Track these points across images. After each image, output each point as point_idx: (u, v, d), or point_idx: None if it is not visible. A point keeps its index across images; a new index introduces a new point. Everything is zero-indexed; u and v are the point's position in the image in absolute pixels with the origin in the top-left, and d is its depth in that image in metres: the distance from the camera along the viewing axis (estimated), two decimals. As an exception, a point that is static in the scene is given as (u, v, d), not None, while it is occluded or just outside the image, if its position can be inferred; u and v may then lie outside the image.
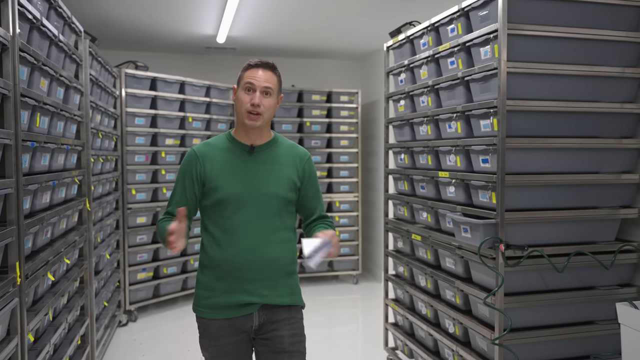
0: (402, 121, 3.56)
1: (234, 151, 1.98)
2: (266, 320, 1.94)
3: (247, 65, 1.96)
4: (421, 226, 3.39)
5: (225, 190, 1.91)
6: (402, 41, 3.52)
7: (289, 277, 1.99)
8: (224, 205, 1.92)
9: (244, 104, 1.91)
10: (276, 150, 2.01)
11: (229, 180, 1.92)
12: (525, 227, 2.60)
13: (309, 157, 2.08)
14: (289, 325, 1.96)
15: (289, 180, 1.98)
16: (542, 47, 2.56)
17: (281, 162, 1.99)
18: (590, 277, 2.72)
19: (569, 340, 2.67)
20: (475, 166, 2.77)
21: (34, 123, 2.37)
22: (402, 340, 3.59)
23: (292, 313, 1.99)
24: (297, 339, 1.97)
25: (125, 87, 4.85)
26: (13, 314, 2.04)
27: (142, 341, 4.42)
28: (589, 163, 2.70)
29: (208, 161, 1.95)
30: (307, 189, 2.05)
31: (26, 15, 2.21)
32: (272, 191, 1.94)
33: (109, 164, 4.35)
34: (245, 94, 1.92)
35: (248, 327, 1.94)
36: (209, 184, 1.93)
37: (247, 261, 1.90)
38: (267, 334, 1.95)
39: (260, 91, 1.91)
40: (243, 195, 1.91)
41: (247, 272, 1.90)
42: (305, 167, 2.03)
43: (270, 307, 1.95)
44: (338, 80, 7.01)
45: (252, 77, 1.91)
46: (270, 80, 1.93)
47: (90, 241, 3.44)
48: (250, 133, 1.97)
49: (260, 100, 1.90)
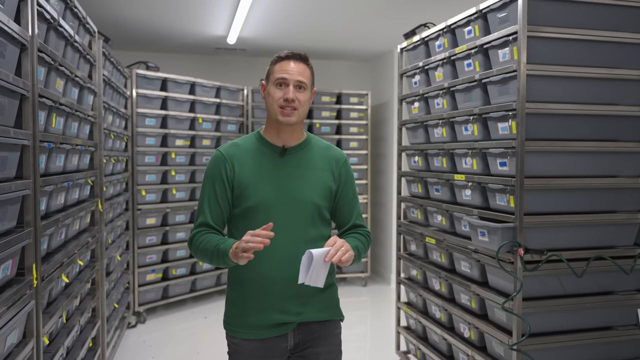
0: (416, 123, 3.53)
1: (264, 153, 1.81)
2: (302, 339, 1.81)
3: (277, 57, 1.80)
4: (435, 229, 3.36)
5: (255, 197, 1.75)
6: (417, 43, 3.49)
7: (326, 290, 1.82)
8: (254, 213, 1.75)
9: (276, 100, 1.75)
10: (310, 152, 1.85)
11: (259, 186, 1.76)
12: (543, 231, 2.57)
13: (345, 159, 1.91)
14: (326, 341, 1.83)
15: (325, 185, 1.82)
16: (561, 49, 2.53)
17: (316, 165, 1.83)
18: (609, 282, 2.69)
19: (588, 345, 2.64)
20: (493, 169, 2.74)
21: (50, 124, 2.35)
22: (415, 344, 3.56)
23: (329, 328, 1.85)
24: (333, 355, 1.85)
25: (136, 87, 4.85)
26: (29, 317, 2.03)
27: (151, 343, 4.40)
28: (607, 166, 2.67)
29: (237, 164, 1.78)
30: (342, 195, 1.88)
31: (44, 16, 2.19)
32: (306, 198, 1.78)
33: (119, 165, 4.35)
34: (277, 89, 1.76)
35: (282, 349, 1.79)
36: (238, 190, 1.77)
37: (279, 276, 1.74)
38: (303, 352, 1.82)
39: (294, 85, 1.75)
40: (275, 202, 1.75)
41: (281, 288, 1.75)
42: (342, 171, 1.88)
43: (306, 324, 1.81)
44: (348, 82, 6.99)
45: (284, 71, 1.76)
46: (304, 73, 1.78)
47: (102, 242, 3.43)
48: (282, 132, 1.81)
49: (294, 94, 1.74)
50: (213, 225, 1.78)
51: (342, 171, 1.89)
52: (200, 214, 1.80)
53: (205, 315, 5.14)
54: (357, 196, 1.94)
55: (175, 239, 5.22)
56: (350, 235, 1.88)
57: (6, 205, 1.84)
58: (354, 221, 1.91)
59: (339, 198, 1.89)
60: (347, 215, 1.91)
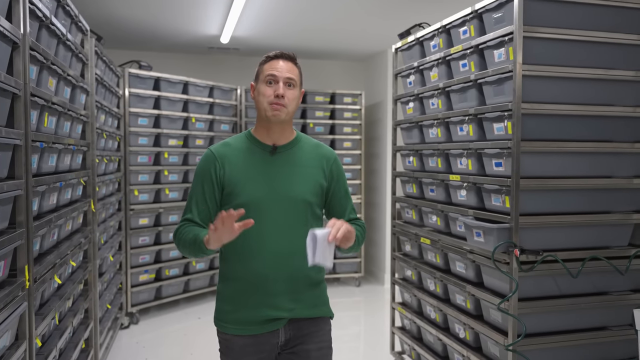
0: (411, 123, 3.52)
1: (254, 152, 1.84)
2: (292, 336, 1.83)
3: (267, 57, 1.85)
4: (430, 229, 3.36)
5: (246, 195, 1.78)
6: (412, 43, 3.49)
7: (317, 287, 1.87)
8: (245, 210, 1.73)
9: (266, 97, 1.79)
10: (300, 150, 1.88)
11: (250, 184, 1.79)
12: (539, 232, 2.57)
13: (335, 157, 1.94)
14: (317, 338, 1.85)
15: (315, 182, 1.85)
16: (556, 50, 2.54)
17: (306, 163, 1.86)
18: (603, 283, 2.70)
19: (583, 346, 2.65)
20: (488, 170, 2.74)
21: (42, 123, 2.32)
22: (410, 344, 3.56)
23: (319, 325, 1.87)
24: (324, 352, 1.86)
25: (129, 86, 4.81)
26: (22, 319, 2.00)
27: (144, 344, 4.37)
28: (602, 167, 2.68)
29: (227, 163, 1.81)
30: (335, 192, 1.91)
31: (36, 13, 2.16)
32: (296, 195, 1.80)
33: (112, 165, 4.31)
34: (267, 86, 1.80)
35: (273, 345, 1.82)
36: (229, 188, 1.80)
37: (272, 273, 1.77)
38: (293, 348, 1.84)
39: (284, 82, 1.80)
40: (265, 200, 1.78)
41: (273, 284, 1.77)
42: (332, 168, 1.91)
43: (297, 321, 1.83)
44: (341, 82, 6.98)
45: (274, 69, 1.81)
46: (292, 71, 1.83)
47: (94, 243, 3.40)
48: (272, 131, 1.84)
49: (284, 91, 1.78)
50: (199, 222, 1.81)
51: (333, 168, 1.92)
52: (187, 211, 1.84)
53: (199, 316, 5.11)
54: (349, 192, 1.98)
55: (168, 240, 5.18)
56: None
57: (-2, 206, 1.81)
58: (348, 216, 1.95)
59: (332, 195, 1.92)
60: (341, 212, 1.94)
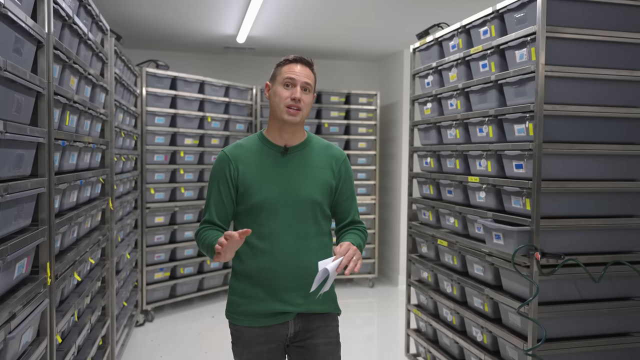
0: (428, 124, 3.50)
1: (266, 153, 1.90)
2: (301, 329, 1.89)
3: (285, 60, 1.89)
4: (447, 231, 3.34)
5: (259, 195, 1.84)
6: (430, 43, 3.47)
7: None
8: (258, 210, 1.85)
9: (282, 99, 1.84)
10: (311, 151, 1.94)
11: (263, 185, 1.85)
12: (560, 235, 2.54)
13: (345, 157, 2.00)
14: (325, 333, 1.91)
15: (325, 182, 1.91)
16: (579, 50, 2.50)
17: (316, 163, 1.92)
18: (625, 287, 2.66)
19: (603, 351, 2.61)
20: (508, 172, 2.71)
21: (64, 121, 2.34)
22: (425, 347, 3.54)
23: (327, 321, 1.93)
24: (332, 347, 1.92)
25: (146, 85, 4.83)
26: (43, 316, 2.02)
27: (159, 342, 4.39)
28: (626, 170, 2.64)
29: (241, 164, 1.87)
30: (342, 191, 1.97)
31: (60, 13, 2.18)
32: (307, 195, 1.87)
33: (129, 163, 4.34)
34: (285, 89, 1.85)
35: (283, 336, 1.89)
36: (242, 188, 1.86)
37: (283, 270, 1.83)
38: (302, 342, 1.90)
39: (301, 86, 1.84)
40: (278, 200, 1.84)
41: (284, 280, 1.84)
42: (341, 169, 1.96)
43: (305, 315, 1.89)
44: (357, 82, 6.96)
45: (292, 72, 1.85)
46: (310, 77, 1.87)
47: (112, 241, 3.42)
48: (284, 132, 1.89)
49: (301, 95, 1.83)
50: (218, 222, 1.88)
51: (342, 169, 1.97)
52: (206, 211, 1.91)
53: (213, 315, 5.13)
54: (355, 193, 2.03)
55: (184, 238, 5.21)
56: (351, 232, 1.96)
57: (22, 204, 1.82)
58: (352, 217, 2.00)
59: (339, 195, 1.97)
60: (346, 212, 2.00)
